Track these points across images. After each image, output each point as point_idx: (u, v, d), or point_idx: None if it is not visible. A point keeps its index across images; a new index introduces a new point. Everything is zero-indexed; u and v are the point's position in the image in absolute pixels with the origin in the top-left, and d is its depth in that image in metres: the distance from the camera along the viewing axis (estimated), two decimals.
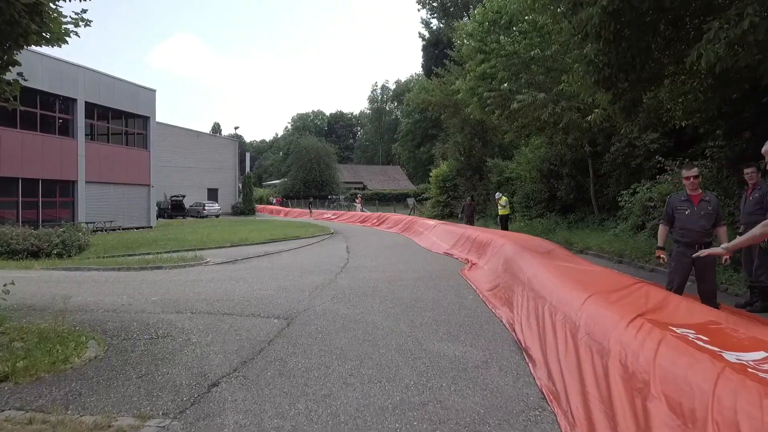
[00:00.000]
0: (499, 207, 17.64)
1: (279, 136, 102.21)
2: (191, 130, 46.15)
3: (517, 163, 21.91)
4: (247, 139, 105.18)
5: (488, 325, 5.67)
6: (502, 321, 5.78)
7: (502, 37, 15.34)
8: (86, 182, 25.03)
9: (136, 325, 5.63)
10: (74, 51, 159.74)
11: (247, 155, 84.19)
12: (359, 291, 7.94)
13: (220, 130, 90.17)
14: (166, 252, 15.29)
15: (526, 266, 6.23)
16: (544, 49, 14.76)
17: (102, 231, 24.24)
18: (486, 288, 7.72)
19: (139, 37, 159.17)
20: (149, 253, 14.73)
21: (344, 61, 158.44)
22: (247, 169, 65.56)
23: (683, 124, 11.63)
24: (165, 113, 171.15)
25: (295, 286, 8.51)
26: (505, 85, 15.06)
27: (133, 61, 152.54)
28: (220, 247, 16.66)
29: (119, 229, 25.49)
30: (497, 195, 18.10)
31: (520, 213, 20.40)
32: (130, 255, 14.83)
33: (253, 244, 17.40)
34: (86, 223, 23.67)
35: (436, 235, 16.31)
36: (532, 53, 14.57)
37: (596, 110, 10.29)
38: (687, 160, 12.46)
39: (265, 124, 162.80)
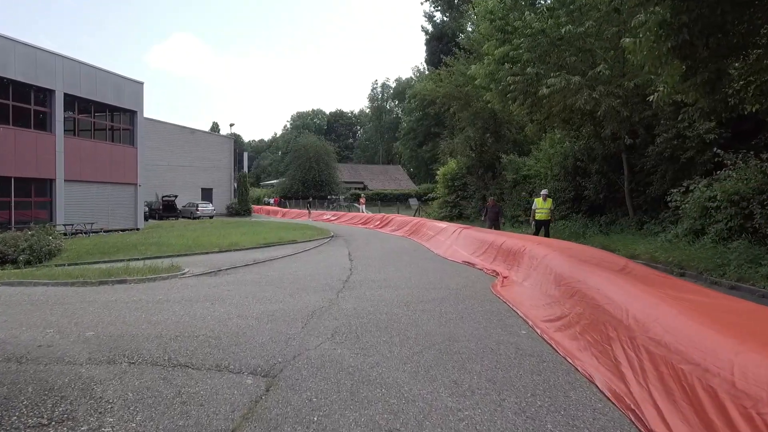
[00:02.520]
0: (541, 210, 13.79)
1: (278, 135, 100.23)
2: (185, 127, 44.08)
3: (536, 159, 19.92)
4: (246, 138, 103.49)
5: (577, 392, 3.68)
6: (593, 382, 3.80)
7: (527, 13, 13.37)
8: (65, 181, 23.00)
9: (31, 392, 3.64)
10: (72, 50, 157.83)
11: (245, 155, 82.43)
12: (369, 320, 5.95)
13: (219, 130, 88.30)
14: (144, 259, 13.41)
15: (620, 296, 4.24)
16: (576, 26, 12.80)
17: (82, 234, 22.23)
18: (542, 318, 5.73)
19: (138, 37, 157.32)
20: (121, 261, 12.86)
21: (344, 59, 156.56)
22: (245, 168, 63.48)
23: (754, 109, 9.65)
24: (164, 113, 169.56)
25: (285, 311, 6.52)
26: (531, 68, 13.06)
27: (132, 61, 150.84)
28: (206, 253, 14.71)
29: (101, 232, 23.46)
30: (544, 192, 14.23)
31: None
32: (102, 262, 12.95)
33: (243, 250, 15.45)
34: (65, 225, 21.71)
35: (451, 239, 14.32)
36: (563, 30, 12.59)
37: (660, 88, 8.30)
38: (751, 153, 10.53)
39: (264, 124, 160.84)
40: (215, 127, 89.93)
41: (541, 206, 13.82)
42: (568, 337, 4.82)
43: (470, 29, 39.58)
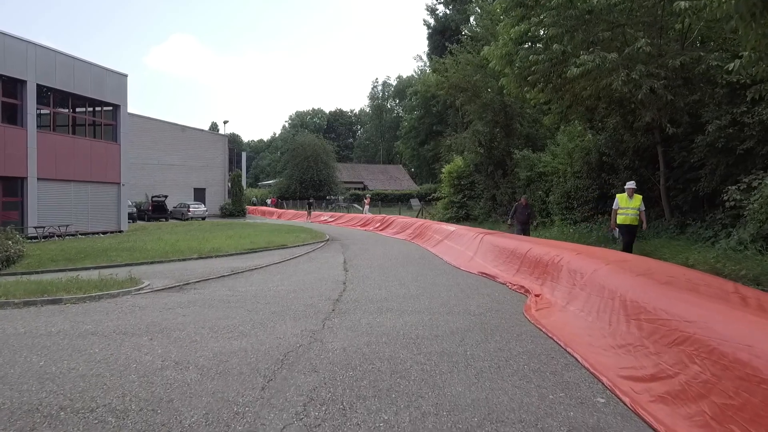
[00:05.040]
0: (626, 211, 9.70)
1: (277, 135, 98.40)
2: (176, 124, 42.14)
3: (552, 155, 18.00)
4: (246, 138, 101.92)
5: None
6: None
7: None
8: (38, 179, 21.09)
9: None
10: (72, 52, 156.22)
11: (243, 154, 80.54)
12: (363, 373, 4.05)
13: (218, 130, 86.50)
14: (111, 267, 11.73)
15: None
16: None
17: (56, 237, 20.37)
18: (620, 371, 3.83)
19: (137, 38, 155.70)
20: (86, 269, 11.34)
21: (344, 58, 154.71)
22: (243, 168, 61.25)
23: None
24: (163, 114, 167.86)
25: (247, 353, 4.63)
26: (557, 45, 11.15)
27: (131, 63, 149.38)
28: (183, 260, 12.91)
29: (77, 235, 21.59)
30: (630, 185, 9.81)
31: (559, 216, 16.49)
32: (65, 270, 11.35)
33: (224, 256, 13.60)
34: (35, 227, 19.85)
35: (463, 244, 12.43)
36: (594, 1, 10.71)
37: (744, 54, 6.40)
38: None
39: (264, 124, 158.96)
40: (214, 127, 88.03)
41: (625, 205, 9.64)
42: (689, 420, 2.91)
43: (474, 22, 37.78)
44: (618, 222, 9.86)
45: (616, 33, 11.76)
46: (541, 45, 11.96)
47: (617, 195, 10.14)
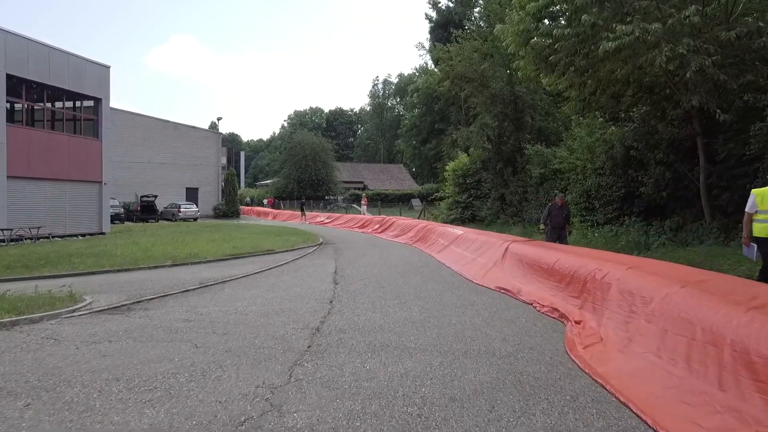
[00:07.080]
0: (761, 216, 5.93)
1: (276, 135, 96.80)
2: (167, 121, 40.41)
3: (569, 149, 16.27)
4: (245, 138, 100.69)
5: None
6: None
7: None
8: (8, 177, 19.36)
9: None
10: (73, 50, 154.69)
11: (242, 154, 78.86)
12: None
13: (217, 130, 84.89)
14: (67, 276, 10.21)
15: None
16: None
17: (28, 240, 18.69)
18: None
19: (138, 38, 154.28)
20: (43, 278, 9.68)
21: (344, 58, 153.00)
22: (242, 168, 59.56)
23: None
24: (163, 114, 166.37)
25: None
26: (586, 16, 9.42)
27: (132, 63, 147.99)
28: (153, 267, 11.31)
29: (51, 237, 19.89)
30: None
31: (577, 218, 14.76)
32: (18, 280, 9.70)
33: (200, 263, 11.96)
34: (3, 230, 18.17)
35: (475, 251, 10.71)
36: None
37: None
38: None
39: (264, 124, 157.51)
40: (213, 127, 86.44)
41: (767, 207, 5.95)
42: None
43: (479, 15, 36.13)
44: (755, 234, 6.02)
45: (652, 5, 10.05)
46: (565, 19, 10.26)
47: (754, 191, 6.18)
